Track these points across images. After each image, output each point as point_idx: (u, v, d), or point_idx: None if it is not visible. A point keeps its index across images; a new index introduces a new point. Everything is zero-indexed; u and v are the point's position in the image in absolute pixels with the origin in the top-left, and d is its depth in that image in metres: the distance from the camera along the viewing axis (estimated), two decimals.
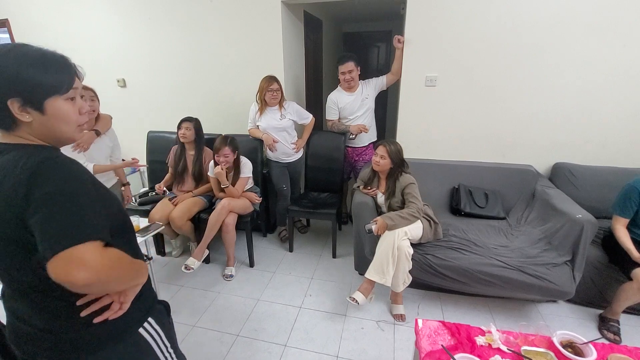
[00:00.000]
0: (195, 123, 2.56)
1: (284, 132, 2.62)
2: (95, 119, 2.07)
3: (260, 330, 1.94)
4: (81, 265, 0.61)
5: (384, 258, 1.90)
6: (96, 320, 0.75)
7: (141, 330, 0.85)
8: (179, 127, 2.53)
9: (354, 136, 2.75)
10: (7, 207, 0.64)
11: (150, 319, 0.87)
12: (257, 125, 2.65)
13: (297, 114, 2.66)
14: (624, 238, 1.79)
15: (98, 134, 2.00)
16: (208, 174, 2.51)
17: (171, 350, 0.95)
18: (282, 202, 2.82)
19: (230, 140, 2.36)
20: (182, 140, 2.52)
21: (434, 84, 2.53)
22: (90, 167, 1.92)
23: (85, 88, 1.96)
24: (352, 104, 2.69)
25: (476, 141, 2.61)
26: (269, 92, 2.49)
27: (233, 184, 2.41)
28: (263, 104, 2.56)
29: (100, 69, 3.24)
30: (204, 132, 2.63)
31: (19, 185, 0.63)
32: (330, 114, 2.77)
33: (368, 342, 1.84)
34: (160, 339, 0.90)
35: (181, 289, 2.31)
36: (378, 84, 2.74)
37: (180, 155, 2.59)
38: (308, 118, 2.72)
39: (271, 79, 2.49)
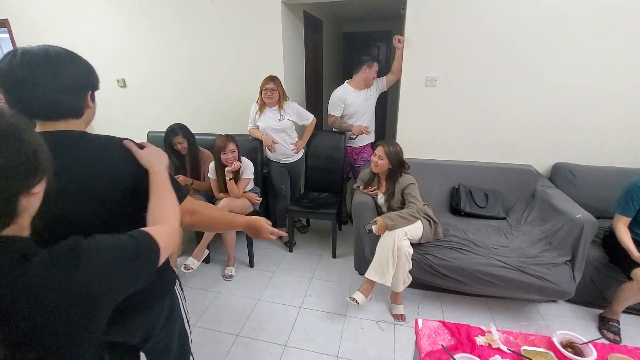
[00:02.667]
0: (183, 132, 2.43)
1: (283, 133, 2.61)
2: None
3: (260, 330, 1.93)
4: (189, 213, 0.92)
5: (384, 258, 1.90)
6: None
7: (175, 287, 1.00)
8: (171, 144, 2.42)
9: (354, 137, 2.74)
10: (128, 179, 0.80)
11: (177, 280, 1.02)
12: (257, 126, 2.65)
13: (298, 114, 2.65)
14: (625, 237, 1.79)
15: None
16: (208, 175, 2.50)
17: (189, 317, 1.07)
18: (281, 202, 2.82)
19: (231, 137, 2.36)
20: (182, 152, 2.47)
21: (434, 84, 2.53)
22: None
23: None
24: (358, 103, 2.68)
25: (476, 141, 2.61)
26: (263, 91, 2.49)
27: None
28: (262, 104, 2.56)
29: (100, 69, 3.18)
30: (204, 132, 2.63)
31: (127, 162, 0.81)
32: (335, 110, 2.74)
33: (368, 342, 1.84)
34: (183, 300, 1.05)
35: None
36: (379, 85, 2.74)
37: (176, 167, 2.51)
38: (309, 119, 2.71)
39: (269, 79, 2.49)
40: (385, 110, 5.24)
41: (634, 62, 2.19)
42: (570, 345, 1.18)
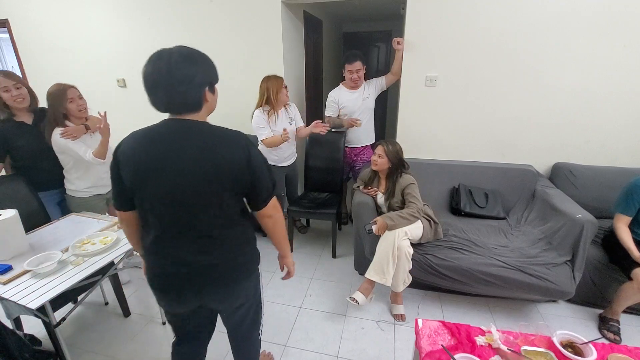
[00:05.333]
0: None
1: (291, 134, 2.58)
2: (86, 119, 2.09)
3: None
4: (276, 207, 1.15)
5: (384, 258, 1.90)
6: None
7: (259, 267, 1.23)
8: None
9: (344, 129, 2.74)
10: (242, 165, 0.99)
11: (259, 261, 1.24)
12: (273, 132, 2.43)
13: (297, 115, 2.64)
14: (626, 237, 1.79)
15: (88, 128, 2.03)
16: None
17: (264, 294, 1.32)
18: None
19: None
20: None
21: (434, 84, 2.53)
22: (89, 153, 1.95)
23: (72, 87, 1.98)
24: (352, 103, 2.68)
25: (476, 141, 2.61)
26: (284, 89, 2.41)
27: None
28: (272, 108, 2.41)
29: (100, 69, 3.24)
30: None
31: (244, 155, 0.99)
32: (330, 111, 2.75)
33: (368, 342, 1.84)
34: (261, 277, 1.28)
35: None
36: (378, 84, 2.74)
37: None
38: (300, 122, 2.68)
39: (279, 78, 2.42)
40: (385, 110, 5.24)
41: (634, 62, 2.19)
42: (570, 345, 1.18)
